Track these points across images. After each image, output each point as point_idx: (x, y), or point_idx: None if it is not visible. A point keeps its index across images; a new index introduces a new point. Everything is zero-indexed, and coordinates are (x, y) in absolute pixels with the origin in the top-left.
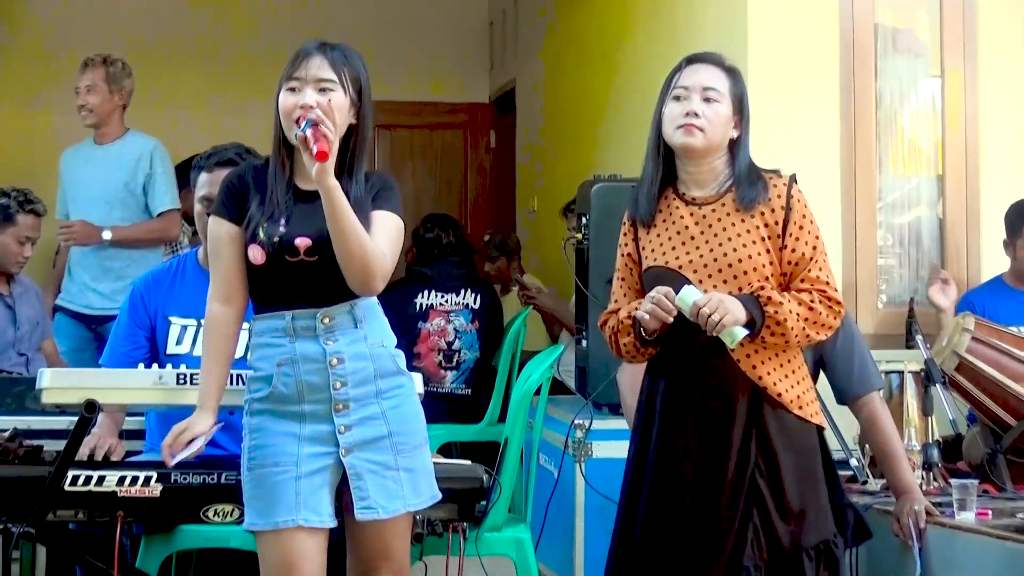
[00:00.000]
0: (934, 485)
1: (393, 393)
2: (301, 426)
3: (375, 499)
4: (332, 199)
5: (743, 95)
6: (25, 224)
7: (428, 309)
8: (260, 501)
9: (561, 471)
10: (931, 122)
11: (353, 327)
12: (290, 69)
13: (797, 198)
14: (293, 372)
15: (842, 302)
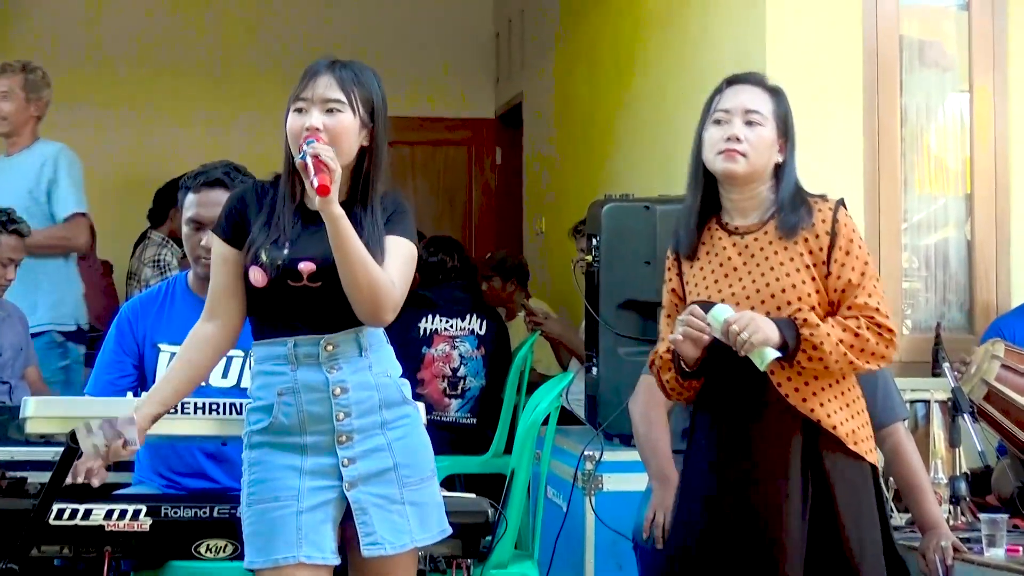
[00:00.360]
0: (962, 520)
1: (399, 424)
2: (303, 459)
3: (381, 534)
4: (337, 227)
5: (787, 116)
6: (8, 245)
7: (432, 334)
8: (260, 537)
9: (570, 505)
10: (959, 139)
11: (358, 355)
12: (298, 89)
13: (843, 223)
14: (295, 402)
15: (894, 329)
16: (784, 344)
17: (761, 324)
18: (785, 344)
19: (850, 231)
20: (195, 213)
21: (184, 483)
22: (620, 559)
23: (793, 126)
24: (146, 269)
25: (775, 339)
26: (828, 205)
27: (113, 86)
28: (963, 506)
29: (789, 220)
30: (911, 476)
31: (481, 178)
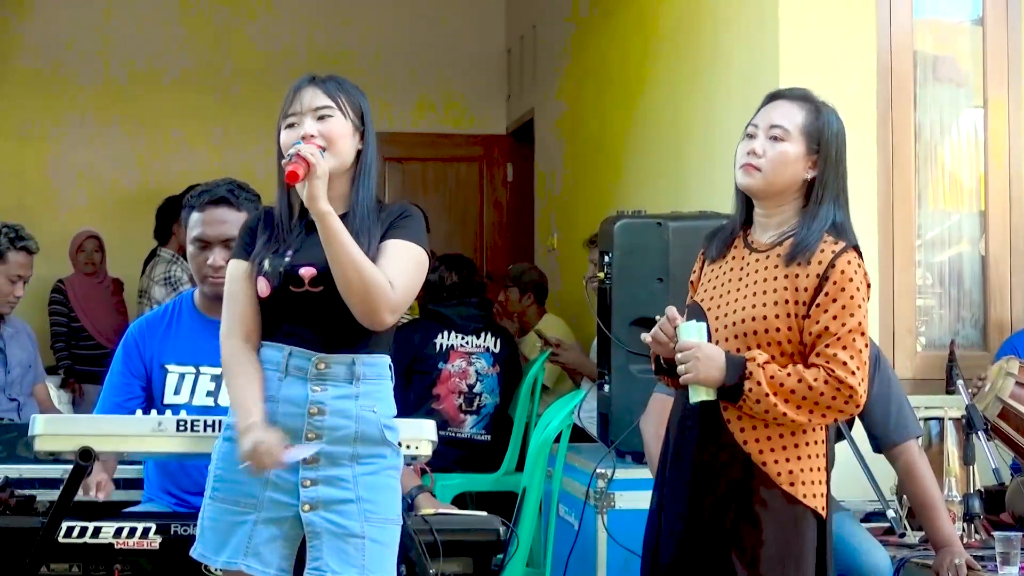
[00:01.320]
0: (976, 538)
1: (371, 461)
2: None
3: (327, 562)
4: (326, 224)
5: (823, 132)
6: (16, 262)
7: (449, 350)
8: (215, 534)
9: (582, 523)
10: (973, 155)
11: (347, 382)
12: (285, 106)
13: (840, 269)
14: (272, 411)
15: (855, 388)
16: (726, 386)
17: (701, 365)
18: (726, 386)
19: (845, 280)
20: (200, 232)
21: (193, 501)
22: None
23: (834, 143)
24: (156, 287)
25: (712, 383)
26: (833, 247)
27: (121, 102)
28: (977, 524)
29: (794, 250)
30: (924, 494)
31: (492, 194)
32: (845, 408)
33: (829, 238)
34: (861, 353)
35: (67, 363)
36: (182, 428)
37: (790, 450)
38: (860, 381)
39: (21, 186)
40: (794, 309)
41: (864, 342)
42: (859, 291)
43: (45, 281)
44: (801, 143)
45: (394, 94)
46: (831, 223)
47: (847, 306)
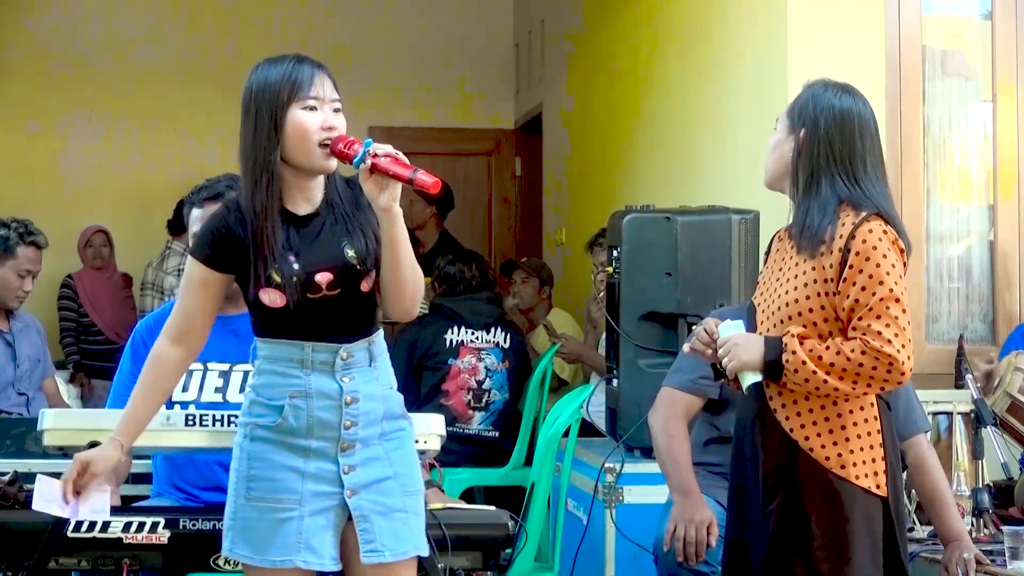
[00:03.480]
0: (985, 532)
1: (395, 436)
2: (305, 462)
3: (382, 541)
4: (395, 228)
5: (805, 107)
6: (25, 257)
7: (459, 346)
8: (257, 535)
9: (590, 517)
10: (982, 149)
11: (368, 365)
12: (300, 89)
13: (861, 239)
14: (305, 406)
15: (894, 356)
16: (768, 366)
17: (741, 350)
18: (768, 366)
19: (869, 248)
20: None
21: (202, 496)
22: (641, 572)
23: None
24: (170, 278)
25: (753, 364)
26: (852, 219)
27: (129, 96)
28: (986, 518)
29: (804, 237)
30: (934, 488)
31: (501, 189)
32: (889, 377)
33: (849, 211)
34: (898, 320)
35: (76, 358)
36: (191, 423)
37: (837, 432)
38: (899, 348)
39: (30, 181)
40: (823, 288)
41: (901, 308)
42: (886, 258)
43: (54, 276)
44: (785, 125)
45: (402, 88)
46: (839, 198)
47: (874, 275)
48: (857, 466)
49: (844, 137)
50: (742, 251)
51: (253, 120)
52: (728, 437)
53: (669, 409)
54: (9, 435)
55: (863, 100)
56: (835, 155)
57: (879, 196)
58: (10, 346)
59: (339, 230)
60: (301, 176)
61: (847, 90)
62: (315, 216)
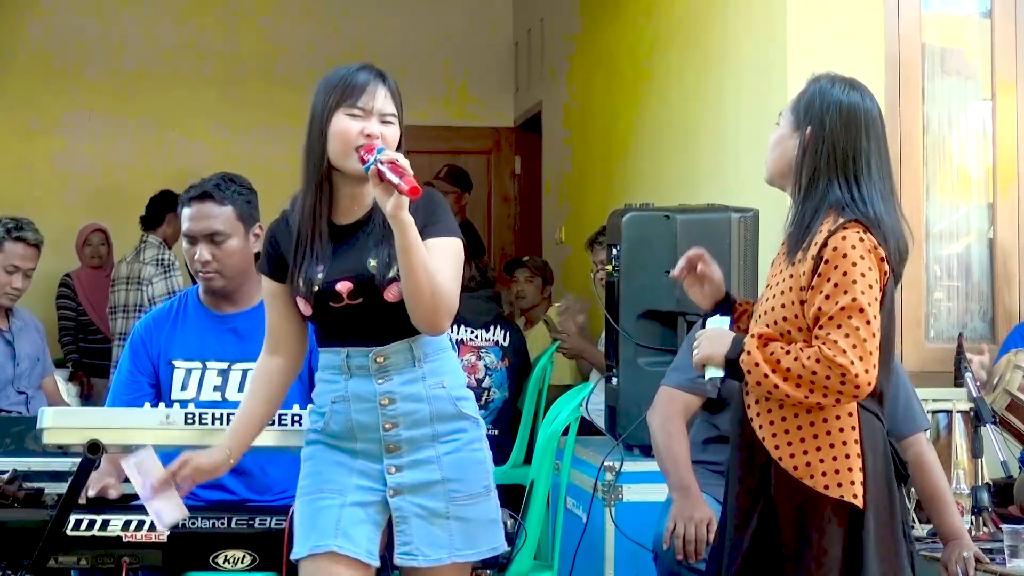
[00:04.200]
0: (984, 531)
1: (452, 438)
2: (353, 459)
3: (418, 545)
4: (407, 236)
5: (811, 103)
6: (13, 253)
7: (458, 344)
8: (302, 527)
9: (590, 516)
10: (981, 147)
11: (411, 366)
12: (348, 95)
13: (833, 247)
14: (344, 410)
15: (846, 367)
16: (728, 363)
17: (707, 344)
18: (729, 363)
19: (838, 256)
20: (188, 227)
21: (202, 494)
22: (640, 570)
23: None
24: (148, 267)
25: (716, 359)
26: (830, 227)
27: (129, 96)
28: (985, 517)
29: (791, 242)
30: (933, 487)
31: (501, 187)
32: (843, 389)
33: (830, 218)
34: (858, 331)
35: (75, 356)
36: (190, 421)
37: (808, 441)
38: (854, 360)
39: (29, 180)
40: (798, 296)
41: (865, 319)
42: (855, 266)
43: (52, 275)
44: (789, 121)
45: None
46: (829, 204)
47: (840, 283)
48: (827, 475)
49: (849, 136)
50: (742, 250)
51: (308, 125)
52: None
53: (668, 408)
54: (8, 434)
55: (870, 95)
56: (838, 156)
57: (875, 199)
58: (10, 345)
59: (372, 241)
60: (350, 183)
61: (854, 85)
62: (356, 228)
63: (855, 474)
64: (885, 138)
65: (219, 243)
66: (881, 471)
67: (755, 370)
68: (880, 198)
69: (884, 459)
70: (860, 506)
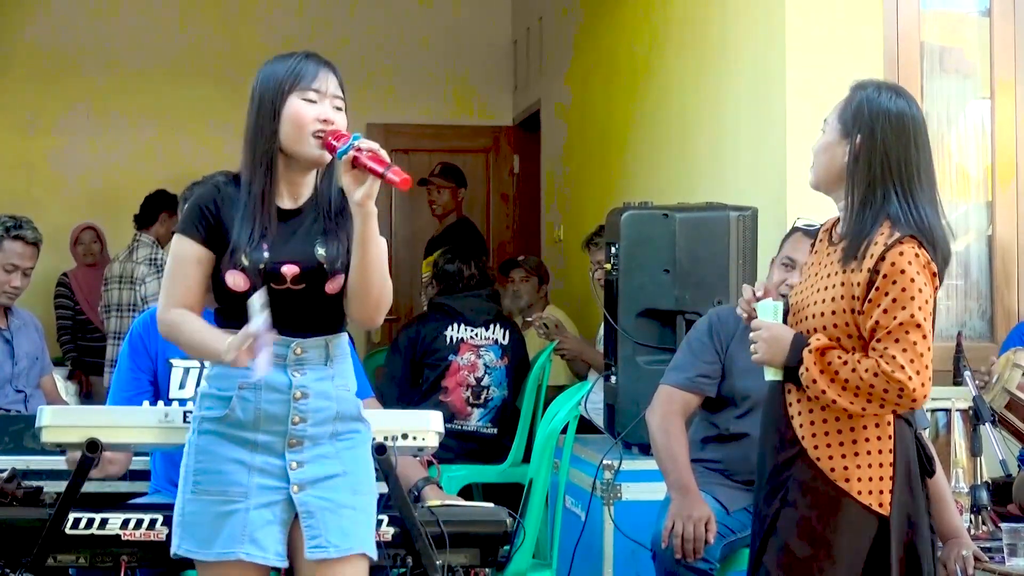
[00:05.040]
0: (983, 529)
1: (348, 436)
2: (252, 455)
3: (328, 537)
4: (370, 225)
5: (858, 111)
6: (12, 251)
7: (459, 343)
8: (202, 528)
9: (589, 514)
10: (980, 146)
11: (323, 364)
12: (299, 80)
13: (891, 262)
14: (253, 398)
15: (904, 383)
16: (788, 370)
17: (768, 346)
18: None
19: (896, 271)
20: None
21: None
22: (639, 569)
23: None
24: (141, 267)
25: (778, 363)
26: (885, 240)
27: (127, 93)
28: (984, 515)
29: (850, 249)
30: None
31: (499, 185)
32: (900, 402)
33: (886, 230)
34: (916, 345)
35: (73, 355)
36: (188, 420)
37: (848, 446)
38: (911, 376)
39: (28, 178)
40: (850, 304)
41: (921, 334)
42: (913, 282)
43: (51, 274)
44: (836, 128)
45: (400, 85)
46: (886, 214)
47: (898, 299)
48: (862, 481)
49: (901, 145)
50: (740, 248)
51: (256, 107)
52: (726, 435)
53: (667, 407)
54: (7, 432)
55: (915, 103)
56: (892, 166)
57: (926, 208)
58: (8, 343)
59: (316, 230)
60: (294, 169)
61: (899, 93)
62: (297, 214)
63: (885, 483)
64: (929, 145)
65: None
66: (910, 484)
67: (812, 386)
68: (930, 206)
69: (913, 472)
70: (885, 514)
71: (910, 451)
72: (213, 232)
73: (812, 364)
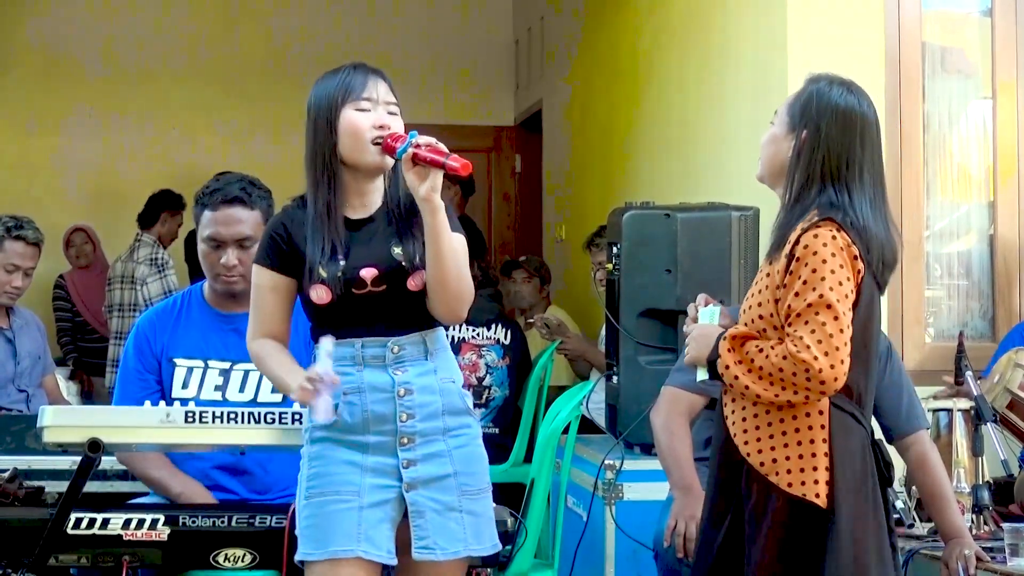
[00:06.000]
0: (985, 529)
1: (460, 432)
2: (364, 456)
3: (435, 539)
4: (438, 218)
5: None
6: (13, 251)
7: (460, 343)
8: (318, 530)
9: (590, 514)
10: (982, 146)
11: (423, 359)
12: (351, 91)
13: (804, 244)
14: (359, 401)
15: (810, 364)
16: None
17: (695, 345)
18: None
19: (809, 253)
20: (214, 231)
21: None
22: (641, 569)
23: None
24: (141, 267)
25: (701, 361)
26: (803, 225)
27: (129, 94)
28: (986, 515)
29: (772, 243)
30: (934, 485)
31: (501, 185)
32: (810, 386)
33: (810, 218)
34: (825, 327)
35: (74, 355)
36: (190, 420)
37: (777, 438)
38: (818, 356)
39: (28, 178)
40: (773, 295)
41: (832, 315)
42: (825, 263)
43: (50, 276)
44: (784, 121)
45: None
46: (816, 205)
47: (808, 280)
48: (791, 473)
49: (844, 142)
50: (742, 248)
51: (312, 126)
52: None
53: (671, 407)
54: (9, 432)
55: (867, 100)
56: (832, 161)
57: (863, 207)
58: (10, 343)
59: (390, 232)
60: (359, 178)
61: (851, 89)
62: (370, 221)
63: (819, 473)
64: (880, 144)
65: (247, 247)
66: (855, 473)
67: (727, 373)
68: (869, 206)
69: (862, 461)
70: (823, 506)
71: (854, 444)
72: (287, 258)
73: (726, 352)
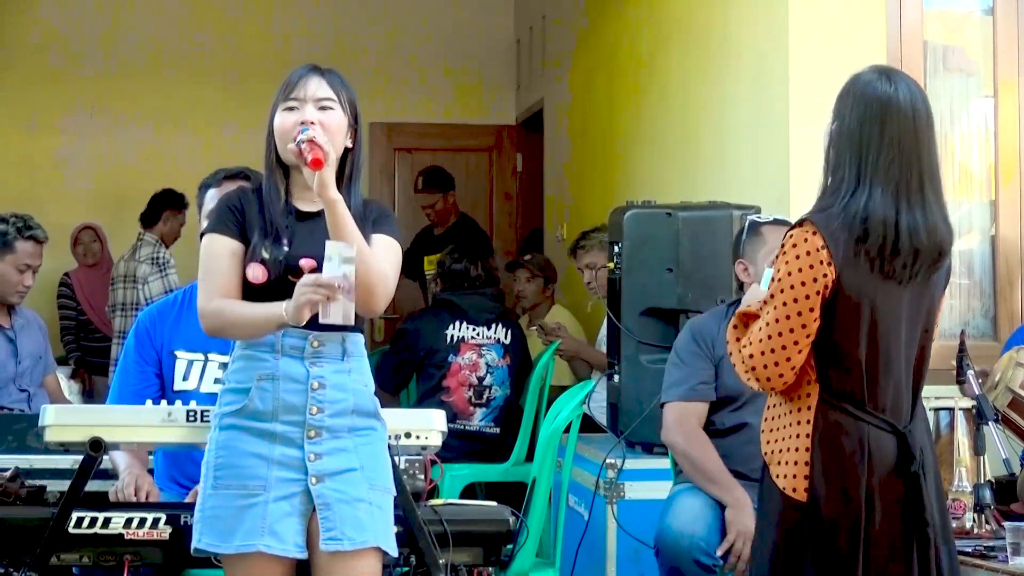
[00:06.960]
0: (986, 528)
1: (366, 432)
2: (271, 447)
3: (343, 530)
4: (335, 212)
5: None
6: (24, 251)
7: (459, 342)
8: (222, 522)
9: (592, 513)
10: (983, 145)
11: (340, 358)
12: (286, 91)
13: (782, 244)
14: (272, 388)
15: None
16: None
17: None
18: None
19: (780, 254)
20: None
21: None
22: (642, 568)
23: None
24: (143, 266)
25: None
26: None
27: (130, 93)
28: (987, 514)
29: None
30: None
31: (502, 184)
32: (747, 380)
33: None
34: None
35: (77, 355)
36: (192, 418)
37: (777, 431)
38: (736, 351)
39: (30, 177)
40: None
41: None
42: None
43: (53, 274)
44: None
45: (404, 84)
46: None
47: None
48: (781, 465)
49: (863, 129)
50: None
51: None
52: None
53: (684, 424)
54: (11, 431)
55: (906, 84)
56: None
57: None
58: (12, 342)
59: None
60: (303, 174)
61: (888, 75)
62: (318, 215)
63: (800, 467)
64: (911, 127)
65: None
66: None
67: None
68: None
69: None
70: (803, 500)
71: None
72: (240, 229)
73: (731, 328)
